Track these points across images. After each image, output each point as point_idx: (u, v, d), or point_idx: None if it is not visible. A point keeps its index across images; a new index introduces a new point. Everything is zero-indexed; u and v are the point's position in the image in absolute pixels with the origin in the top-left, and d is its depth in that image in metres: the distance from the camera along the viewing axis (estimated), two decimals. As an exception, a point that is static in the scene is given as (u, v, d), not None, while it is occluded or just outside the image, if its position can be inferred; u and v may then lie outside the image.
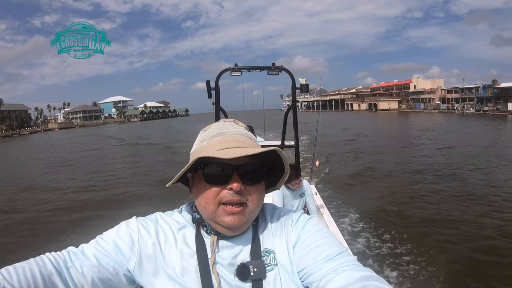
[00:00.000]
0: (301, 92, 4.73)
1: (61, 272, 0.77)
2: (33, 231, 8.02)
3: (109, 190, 11.96)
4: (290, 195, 3.97)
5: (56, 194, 12.01)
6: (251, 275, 0.83)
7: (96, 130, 70.71)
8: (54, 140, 46.09)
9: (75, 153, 26.15)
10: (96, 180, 13.97)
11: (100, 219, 8.15)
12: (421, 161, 15.02)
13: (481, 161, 14.07)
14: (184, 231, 0.89)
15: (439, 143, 20.87)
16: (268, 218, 0.94)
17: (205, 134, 0.91)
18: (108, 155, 23.88)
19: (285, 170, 0.90)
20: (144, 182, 12.96)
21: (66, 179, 14.94)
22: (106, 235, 0.87)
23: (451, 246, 5.94)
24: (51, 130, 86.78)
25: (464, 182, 10.57)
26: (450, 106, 71.44)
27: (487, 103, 62.44)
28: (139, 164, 17.76)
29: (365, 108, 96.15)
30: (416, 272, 5.08)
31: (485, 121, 40.56)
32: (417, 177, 11.73)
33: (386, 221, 7.19)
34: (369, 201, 8.82)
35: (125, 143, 32.52)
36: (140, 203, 9.74)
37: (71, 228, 7.90)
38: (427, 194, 9.43)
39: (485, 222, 7.05)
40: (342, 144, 21.48)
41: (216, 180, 0.82)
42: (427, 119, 49.36)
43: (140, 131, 49.93)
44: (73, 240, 6.50)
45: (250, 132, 0.93)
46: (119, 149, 27.35)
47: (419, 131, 30.47)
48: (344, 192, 9.90)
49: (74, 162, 20.41)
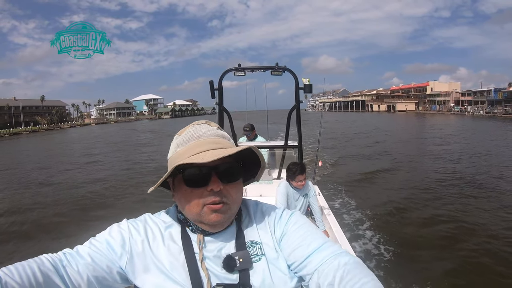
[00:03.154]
0: (305, 92, 4.75)
1: (58, 270, 0.79)
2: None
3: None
4: (293, 195, 3.91)
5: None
6: (237, 266, 0.85)
7: (139, 125, 74.19)
8: (106, 131, 50.33)
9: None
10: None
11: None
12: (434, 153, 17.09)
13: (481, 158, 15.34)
14: (170, 229, 0.92)
15: (451, 139, 23.38)
16: (251, 212, 0.97)
17: (180, 138, 0.91)
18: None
19: (261, 164, 0.93)
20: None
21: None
22: (99, 236, 0.91)
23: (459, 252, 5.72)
24: (88, 125, 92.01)
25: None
26: (463, 108, 72.48)
27: (497, 106, 63.23)
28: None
29: (384, 109, 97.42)
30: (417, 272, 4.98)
31: (494, 122, 42.15)
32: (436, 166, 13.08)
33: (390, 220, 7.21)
34: (378, 197, 8.95)
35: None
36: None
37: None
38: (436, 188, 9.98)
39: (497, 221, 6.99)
40: (356, 138, 24.08)
41: (196, 182, 0.84)
42: (441, 120, 51.66)
43: (180, 125, 52.74)
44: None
45: (223, 131, 0.95)
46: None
47: (431, 129, 33.69)
48: (352, 189, 9.85)
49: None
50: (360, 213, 7.63)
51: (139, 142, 31.53)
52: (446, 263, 5.26)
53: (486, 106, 65.93)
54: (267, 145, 5.79)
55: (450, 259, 5.42)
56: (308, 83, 4.69)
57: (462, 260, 5.38)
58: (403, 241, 6.04)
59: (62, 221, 8.17)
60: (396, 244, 5.92)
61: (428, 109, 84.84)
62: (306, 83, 4.70)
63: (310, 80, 4.76)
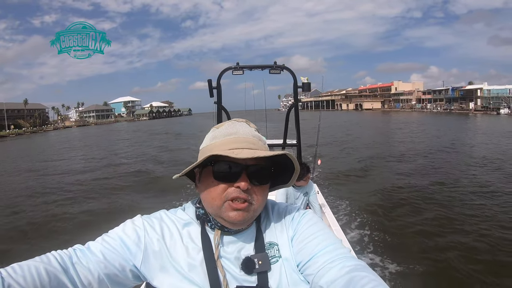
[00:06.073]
0: (303, 91, 4.62)
1: (67, 269, 0.75)
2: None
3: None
4: (294, 194, 3.84)
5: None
6: (256, 268, 0.82)
7: (118, 126, 74.58)
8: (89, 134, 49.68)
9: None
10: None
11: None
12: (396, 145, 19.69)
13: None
14: (188, 228, 0.88)
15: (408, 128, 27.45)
16: (270, 213, 0.94)
17: (217, 131, 0.89)
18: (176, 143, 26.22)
19: (295, 169, 0.88)
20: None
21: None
22: (112, 232, 0.86)
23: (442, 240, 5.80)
24: (69, 128, 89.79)
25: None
26: (423, 106, 77.76)
27: (453, 103, 68.29)
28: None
29: (352, 108, 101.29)
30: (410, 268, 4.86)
31: (444, 117, 49.79)
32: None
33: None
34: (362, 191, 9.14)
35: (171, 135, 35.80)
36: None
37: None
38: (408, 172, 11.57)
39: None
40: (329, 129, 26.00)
41: (225, 177, 0.82)
42: (403, 116, 56.13)
43: (163, 127, 51.58)
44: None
45: (259, 133, 0.92)
46: (177, 141, 28.86)
47: (388, 122, 42.00)
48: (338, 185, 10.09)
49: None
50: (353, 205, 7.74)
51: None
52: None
53: (444, 104, 70.84)
54: (267, 143, 5.84)
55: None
56: (306, 82, 4.63)
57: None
58: (392, 235, 6.02)
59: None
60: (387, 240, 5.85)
61: (393, 107, 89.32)
62: (304, 82, 4.64)
63: (308, 78, 4.68)
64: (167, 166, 15.13)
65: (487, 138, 21.40)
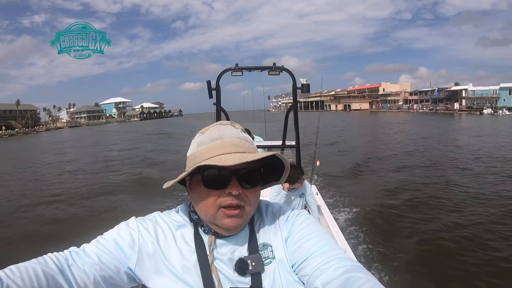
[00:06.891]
0: (302, 92, 4.54)
1: (63, 270, 0.75)
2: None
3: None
4: (289, 197, 3.75)
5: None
6: (249, 269, 0.81)
7: (110, 127, 73.77)
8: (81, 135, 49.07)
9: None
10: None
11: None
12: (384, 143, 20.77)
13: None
14: (182, 230, 0.88)
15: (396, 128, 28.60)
16: (263, 214, 0.92)
17: (202, 137, 0.86)
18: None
19: (285, 167, 0.88)
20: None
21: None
22: (106, 234, 0.86)
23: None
24: (60, 128, 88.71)
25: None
26: (410, 106, 79.48)
27: (439, 103, 70.16)
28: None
29: (341, 109, 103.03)
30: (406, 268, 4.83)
31: (429, 116, 51.91)
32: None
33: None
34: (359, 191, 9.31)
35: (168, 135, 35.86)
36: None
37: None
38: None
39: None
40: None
41: (216, 185, 0.80)
42: (390, 116, 57.66)
43: (157, 127, 51.40)
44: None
45: (247, 134, 0.90)
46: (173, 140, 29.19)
47: (376, 121, 43.32)
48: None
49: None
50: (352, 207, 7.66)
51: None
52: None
53: (430, 104, 72.55)
54: (265, 144, 5.55)
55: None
56: (306, 83, 4.45)
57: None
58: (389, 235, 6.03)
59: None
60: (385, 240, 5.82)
61: (380, 107, 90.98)
62: (303, 83, 4.45)
63: (307, 80, 4.51)
64: (161, 167, 15.11)
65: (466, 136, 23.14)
